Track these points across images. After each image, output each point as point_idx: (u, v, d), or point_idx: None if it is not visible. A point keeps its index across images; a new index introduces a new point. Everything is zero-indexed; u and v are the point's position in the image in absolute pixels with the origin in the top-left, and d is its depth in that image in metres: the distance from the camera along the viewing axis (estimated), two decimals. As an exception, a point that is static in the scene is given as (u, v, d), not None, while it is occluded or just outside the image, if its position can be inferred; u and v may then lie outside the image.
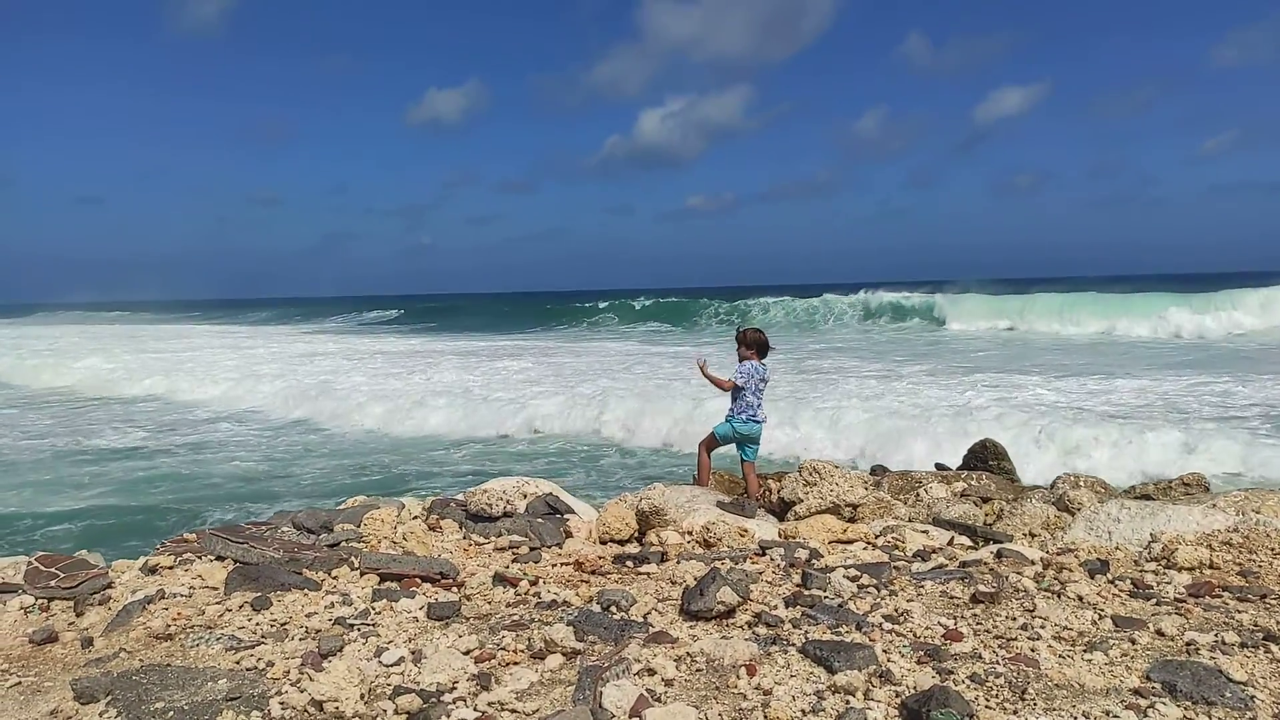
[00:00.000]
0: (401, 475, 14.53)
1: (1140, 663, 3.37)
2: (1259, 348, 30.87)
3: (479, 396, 21.55)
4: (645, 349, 37.10)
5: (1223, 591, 4.25)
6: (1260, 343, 32.86)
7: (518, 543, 5.61)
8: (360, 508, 6.43)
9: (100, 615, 4.43)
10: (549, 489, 6.72)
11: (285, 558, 4.97)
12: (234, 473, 14.76)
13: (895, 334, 43.85)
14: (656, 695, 3.20)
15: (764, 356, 7.86)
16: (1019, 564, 4.80)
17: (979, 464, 9.74)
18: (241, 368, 30.81)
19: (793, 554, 5.12)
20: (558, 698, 3.23)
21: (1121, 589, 4.33)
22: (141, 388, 26.67)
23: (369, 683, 3.34)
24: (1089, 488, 7.64)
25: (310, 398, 22.24)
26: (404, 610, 4.23)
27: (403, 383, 25.78)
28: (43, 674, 3.74)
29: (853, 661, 3.33)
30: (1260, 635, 3.61)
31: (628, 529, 5.81)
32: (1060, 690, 3.15)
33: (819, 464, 6.99)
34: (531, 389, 22.93)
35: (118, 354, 37.26)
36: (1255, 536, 4.95)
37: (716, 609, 3.98)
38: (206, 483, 13.98)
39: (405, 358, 35.24)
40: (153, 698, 3.20)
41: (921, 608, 4.04)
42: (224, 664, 3.58)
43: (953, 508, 7.22)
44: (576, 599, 4.39)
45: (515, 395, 21.41)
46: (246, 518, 10.43)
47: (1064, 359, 28.38)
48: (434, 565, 4.88)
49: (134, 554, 5.91)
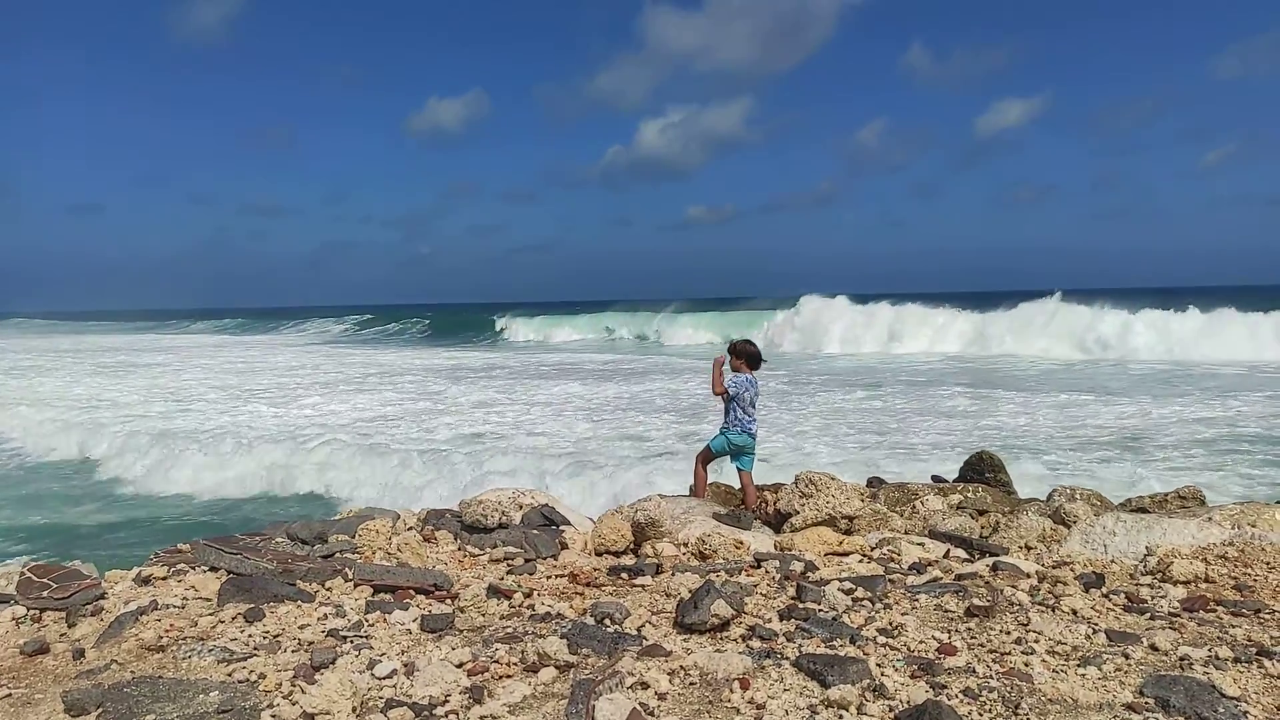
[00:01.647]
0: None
1: (1134, 677, 3.37)
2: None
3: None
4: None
5: (1217, 606, 4.24)
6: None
7: (513, 554, 5.60)
8: (355, 518, 6.42)
9: (92, 626, 4.41)
10: (545, 500, 6.72)
11: (279, 569, 4.96)
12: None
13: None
14: (650, 709, 3.19)
15: (755, 368, 7.86)
16: (1014, 577, 4.79)
17: (976, 476, 9.74)
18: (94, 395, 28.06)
19: (788, 566, 5.12)
20: (550, 711, 3.22)
21: (1116, 603, 4.33)
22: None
23: (361, 695, 3.33)
24: (1085, 501, 7.63)
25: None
26: (397, 622, 4.22)
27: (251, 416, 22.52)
28: (34, 685, 3.72)
29: (846, 675, 3.32)
30: (1254, 650, 3.60)
31: (623, 540, 5.80)
32: (1054, 705, 3.15)
33: (816, 476, 6.98)
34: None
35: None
36: (1251, 550, 4.95)
37: (711, 622, 3.97)
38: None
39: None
40: (144, 710, 3.18)
41: (916, 621, 4.03)
42: (216, 676, 3.57)
43: (949, 520, 7.22)
44: (570, 611, 4.38)
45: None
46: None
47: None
48: (428, 577, 4.87)
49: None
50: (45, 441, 19.86)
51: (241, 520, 13.36)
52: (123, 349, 55.78)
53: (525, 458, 15.32)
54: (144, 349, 55.54)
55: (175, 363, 42.73)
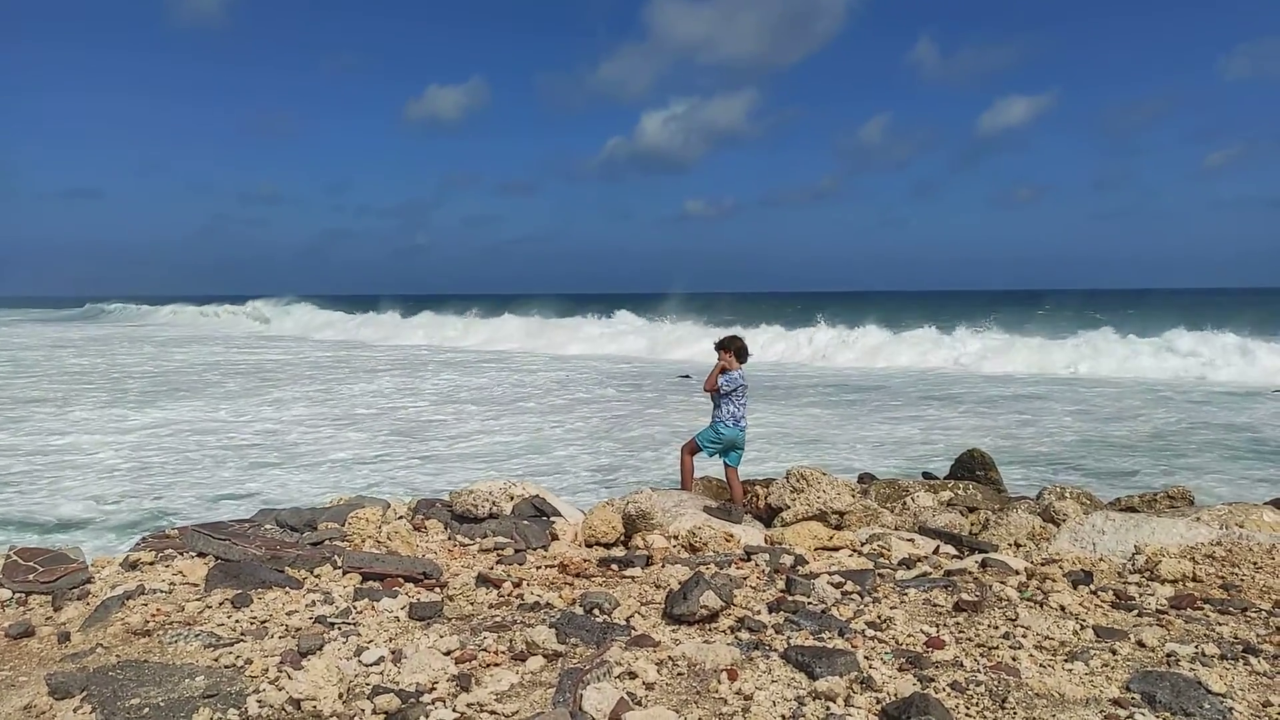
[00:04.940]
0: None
1: (1120, 673, 3.38)
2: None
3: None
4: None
5: (1204, 604, 4.26)
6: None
7: (503, 544, 5.59)
8: (345, 506, 6.40)
9: (79, 610, 4.39)
10: (536, 491, 6.71)
11: (267, 555, 4.94)
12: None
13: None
14: (637, 698, 3.19)
15: (743, 362, 7.90)
16: (1003, 573, 4.81)
17: (966, 473, 9.77)
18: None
19: (778, 560, 5.12)
20: (538, 700, 3.22)
21: (1104, 600, 4.34)
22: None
23: (348, 682, 3.32)
24: (1075, 499, 7.66)
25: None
26: (385, 610, 4.21)
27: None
28: (18, 668, 3.70)
29: (834, 668, 3.32)
30: (1240, 648, 3.62)
31: (614, 532, 5.80)
32: (1040, 699, 3.15)
33: (807, 471, 6.99)
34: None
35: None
36: (1238, 550, 4.97)
37: (699, 613, 3.97)
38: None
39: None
40: (129, 694, 3.17)
41: (904, 615, 4.04)
42: (202, 661, 3.55)
43: (939, 517, 7.24)
44: (559, 601, 4.37)
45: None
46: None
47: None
48: (417, 565, 4.86)
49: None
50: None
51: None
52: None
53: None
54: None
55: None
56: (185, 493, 12.02)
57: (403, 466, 13.96)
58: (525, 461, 14.40)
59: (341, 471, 13.51)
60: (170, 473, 13.23)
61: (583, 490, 12.16)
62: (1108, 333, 33.71)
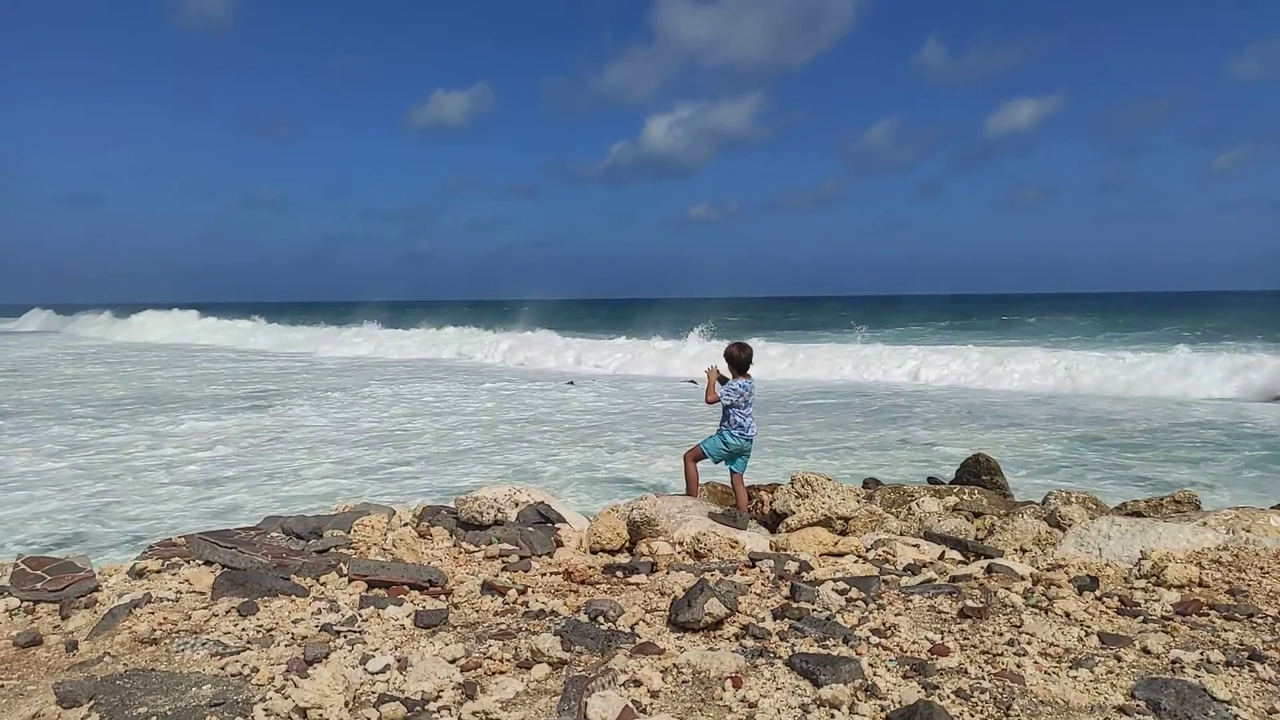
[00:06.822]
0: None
1: (1125, 680, 3.37)
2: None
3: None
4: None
5: (1210, 610, 4.25)
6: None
7: (508, 551, 5.60)
8: (350, 514, 6.41)
9: (86, 619, 4.41)
10: (541, 497, 6.72)
11: (273, 563, 4.96)
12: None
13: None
14: (642, 706, 3.19)
15: (743, 372, 7.90)
16: (1009, 579, 4.80)
17: (972, 478, 9.76)
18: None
19: (782, 566, 5.12)
20: (543, 708, 3.23)
21: (1109, 606, 4.33)
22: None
23: (354, 690, 3.33)
24: (1080, 504, 7.65)
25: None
26: (391, 618, 4.22)
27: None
28: (26, 677, 3.72)
29: (839, 675, 3.33)
30: (1246, 654, 3.60)
31: (619, 539, 5.80)
32: (1045, 707, 3.15)
33: (811, 476, 6.99)
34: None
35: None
36: (1245, 555, 4.96)
37: (704, 620, 3.98)
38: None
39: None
40: (136, 703, 3.18)
41: (909, 622, 4.04)
42: (209, 669, 3.57)
43: (944, 522, 7.23)
44: (564, 609, 4.38)
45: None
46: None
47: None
48: (422, 573, 4.87)
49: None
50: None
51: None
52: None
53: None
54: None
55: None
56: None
57: (409, 475, 13.98)
58: (526, 467, 14.44)
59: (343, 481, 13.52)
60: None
61: (586, 495, 12.17)
62: (1114, 345, 33.92)
